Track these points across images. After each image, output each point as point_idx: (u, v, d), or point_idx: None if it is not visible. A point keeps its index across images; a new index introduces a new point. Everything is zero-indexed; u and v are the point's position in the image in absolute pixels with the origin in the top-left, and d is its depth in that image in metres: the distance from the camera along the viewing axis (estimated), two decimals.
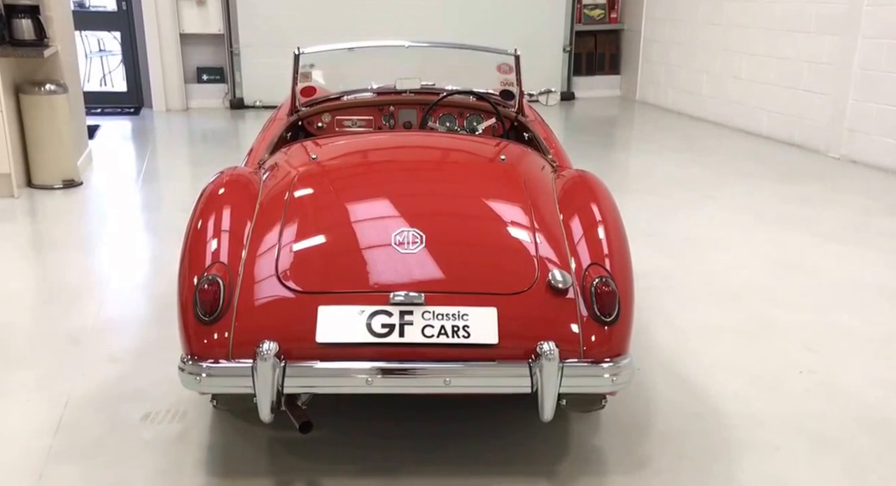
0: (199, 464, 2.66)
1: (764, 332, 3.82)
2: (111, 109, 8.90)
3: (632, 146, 8.39)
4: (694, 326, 3.86)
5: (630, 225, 5.22)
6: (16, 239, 4.90)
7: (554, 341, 2.43)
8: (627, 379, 2.51)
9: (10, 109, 5.54)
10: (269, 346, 2.31)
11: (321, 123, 4.14)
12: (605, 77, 10.67)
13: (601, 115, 9.73)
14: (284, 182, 2.97)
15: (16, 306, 3.90)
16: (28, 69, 5.83)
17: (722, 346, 3.67)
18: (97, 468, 2.63)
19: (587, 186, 3.08)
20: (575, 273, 2.62)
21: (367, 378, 2.37)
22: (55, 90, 5.74)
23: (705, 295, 4.22)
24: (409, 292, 2.47)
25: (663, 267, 4.60)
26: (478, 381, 2.42)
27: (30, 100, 5.70)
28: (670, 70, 9.71)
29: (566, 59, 10.21)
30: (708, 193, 6.17)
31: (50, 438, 2.79)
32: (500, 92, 4.33)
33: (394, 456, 2.74)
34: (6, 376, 3.23)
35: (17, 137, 5.70)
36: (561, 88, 10.28)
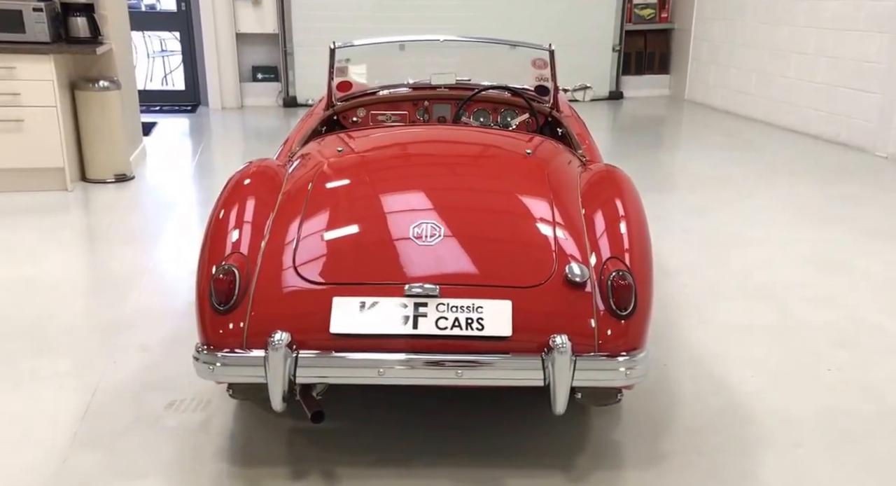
0: (219, 452, 2.65)
1: (795, 330, 3.67)
2: (169, 106, 9.03)
3: (677, 145, 8.21)
4: (724, 322, 3.73)
5: (667, 222, 5.20)
6: (66, 231, 4.98)
7: (569, 334, 2.37)
8: (643, 373, 2.43)
9: (64, 105, 5.64)
10: (281, 336, 2.28)
11: (356, 118, 4.11)
12: (654, 76, 10.46)
13: (649, 114, 9.54)
14: (308, 174, 2.95)
15: (59, 296, 3.95)
16: (83, 66, 5.93)
17: (750, 343, 3.54)
18: (119, 455, 2.63)
19: (612, 181, 3.00)
20: (593, 267, 2.54)
21: (380, 369, 2.33)
22: (108, 87, 5.82)
23: (737, 292, 4.08)
24: (425, 283, 2.42)
25: (697, 264, 4.47)
26: (490, 373, 2.36)
27: (84, 96, 5.79)
28: (720, 69, 9.48)
29: (615, 58, 10.03)
30: (749, 192, 5.99)
31: (77, 424, 2.81)
32: (535, 87, 4.25)
33: (409, 447, 2.70)
34: (42, 363, 3.26)
35: (71, 132, 5.81)
36: (609, 87, 10.11)
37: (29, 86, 5.46)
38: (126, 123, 6.12)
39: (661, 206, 5.64)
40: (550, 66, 4.06)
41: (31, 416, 2.88)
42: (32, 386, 3.08)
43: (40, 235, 4.84)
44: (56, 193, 5.68)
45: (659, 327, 3.65)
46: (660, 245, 4.75)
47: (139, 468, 2.56)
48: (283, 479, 2.51)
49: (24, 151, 5.57)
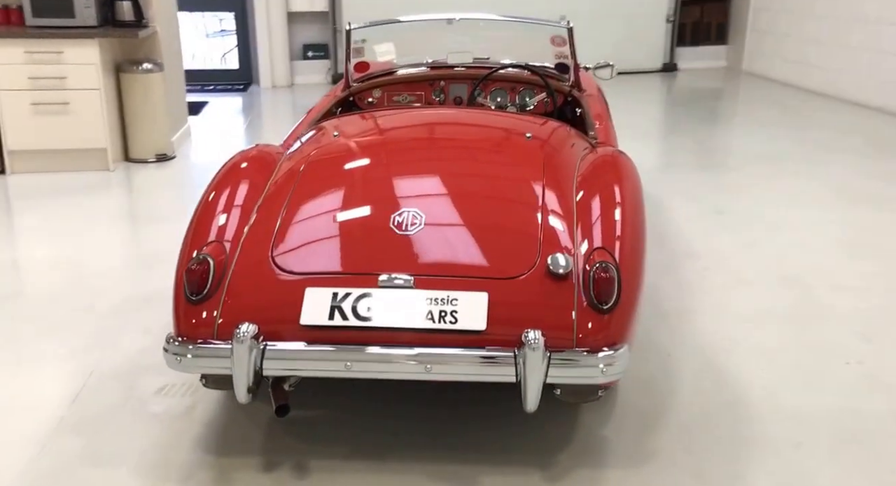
0: (196, 440, 2.59)
1: (817, 318, 3.42)
2: (223, 85, 9.07)
3: (729, 119, 7.82)
4: (741, 310, 3.50)
5: (701, 202, 4.93)
6: (101, 210, 5.01)
7: (547, 328, 2.23)
8: (621, 370, 2.27)
9: (108, 87, 5.67)
10: (247, 328, 2.20)
11: (372, 99, 3.99)
12: (710, 47, 10.00)
13: (704, 86, 9.13)
14: (299, 161, 2.86)
15: (79, 275, 3.97)
16: (129, 49, 5.96)
17: (767, 332, 3.30)
18: (99, 441, 2.60)
19: (613, 167, 2.81)
20: (578, 258, 2.37)
21: (347, 363, 2.23)
22: (152, 69, 5.84)
23: (761, 278, 3.82)
24: (399, 274, 2.30)
25: (723, 247, 4.22)
26: (460, 368, 2.23)
27: (128, 78, 5.82)
28: (779, 39, 8.98)
29: (669, 29, 9.62)
30: (794, 169, 5.64)
31: (66, 408, 2.79)
32: (556, 65, 4.05)
33: (385, 440, 2.59)
34: (48, 342, 3.27)
35: (115, 113, 5.85)
36: (663, 60, 9.71)
37: (75, 69, 5.50)
38: (169, 103, 6.13)
39: (699, 185, 5.37)
40: (569, 43, 3.85)
41: (24, 397, 2.88)
42: (33, 366, 3.09)
43: (77, 215, 4.89)
44: (98, 173, 5.74)
45: (669, 314, 3.46)
46: (688, 227, 4.51)
47: (115, 454, 2.52)
48: (253, 470, 2.44)
49: (69, 133, 5.63)
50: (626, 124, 7.06)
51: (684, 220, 4.64)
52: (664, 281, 3.78)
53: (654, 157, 6.03)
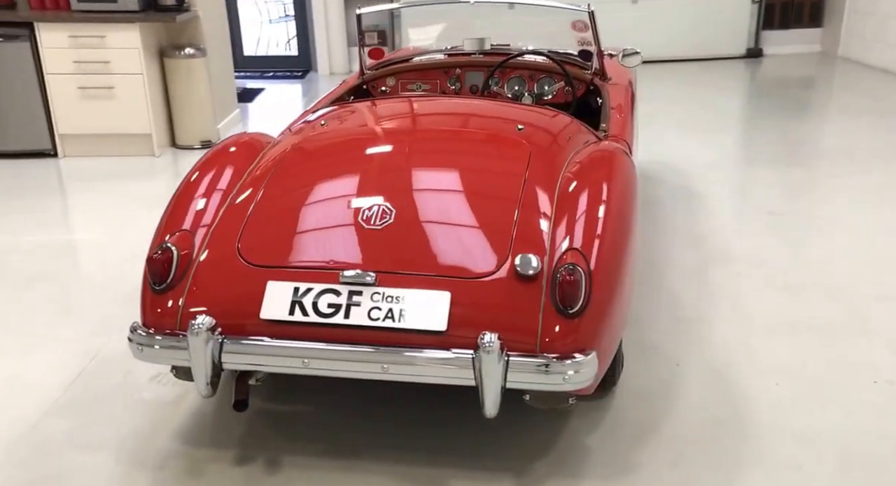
0: (177, 430, 2.75)
1: (850, 332, 3.34)
2: (282, 72, 9.31)
3: (814, 111, 7.57)
4: (768, 319, 3.45)
5: (753, 201, 4.85)
6: (144, 196, 5.27)
7: (511, 331, 2.28)
8: (586, 378, 2.29)
9: (151, 72, 5.95)
10: (203, 320, 2.31)
11: (385, 87, 4.08)
12: (802, 30, 9.68)
13: (791, 74, 8.85)
14: (279, 151, 2.96)
15: (110, 259, 4.21)
16: (173, 34, 6.22)
17: (791, 345, 3.25)
18: (86, 424, 2.79)
19: (604, 164, 2.81)
20: (549, 259, 2.41)
21: (304, 360, 2.33)
22: (194, 54, 6.08)
23: (799, 285, 3.75)
24: (361, 271, 2.38)
25: (766, 250, 4.14)
26: (417, 370, 2.30)
27: (171, 63, 6.09)
28: (880, 21, 8.62)
29: (755, 10, 9.36)
30: (867, 168, 5.45)
31: (62, 390, 3.00)
32: (579, 52, 4.05)
33: (361, 439, 2.69)
34: (60, 326, 3.50)
35: (160, 99, 6.12)
36: (747, 44, 9.46)
37: (117, 54, 5.80)
38: (214, 89, 6.37)
39: (757, 181, 5.27)
40: (592, 28, 3.84)
41: (27, 376, 3.10)
42: (43, 346, 3.32)
43: (120, 200, 5.18)
44: (144, 159, 6.03)
45: (687, 321, 3.44)
46: (732, 227, 4.45)
47: (98, 438, 2.71)
48: (226, 463, 2.58)
49: (114, 118, 5.94)
50: (698, 116, 6.98)
51: (730, 219, 4.58)
52: (689, 285, 3.76)
53: (717, 150, 5.92)
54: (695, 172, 5.39)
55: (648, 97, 7.77)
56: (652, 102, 7.59)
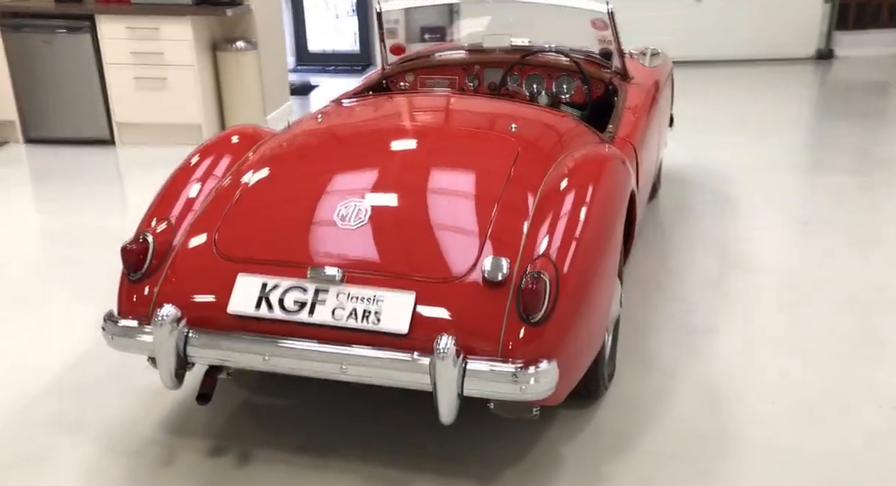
0: (160, 418, 2.79)
1: (865, 353, 3.17)
2: (343, 67, 9.36)
3: (881, 117, 7.19)
4: (779, 334, 3.30)
5: (788, 210, 4.66)
6: None
7: (473, 336, 2.23)
8: (546, 389, 2.23)
9: (203, 64, 6.06)
10: (168, 311, 2.33)
11: (404, 83, 4.05)
12: (880, 32, 9.21)
13: (865, 78, 8.42)
14: (271, 145, 2.96)
15: None
16: (226, 27, 6.32)
17: (798, 361, 3.11)
18: (76, 407, 2.86)
19: (594, 167, 2.72)
20: (519, 264, 2.34)
21: (264, 356, 2.32)
22: (245, 47, 6.17)
23: (820, 299, 3.57)
24: (329, 268, 2.36)
25: (792, 262, 3.97)
26: (374, 372, 2.28)
27: (223, 56, 6.19)
28: None
29: (827, 10, 8.96)
30: None
31: (62, 372, 3.07)
32: (600, 52, 3.95)
33: (335, 438, 2.68)
34: (80, 306, 3.58)
35: (211, 90, 6.24)
36: (817, 45, 9.07)
37: (171, 46, 5.93)
38: (266, 82, 6.45)
39: (798, 190, 5.05)
40: (612, 27, 3.73)
41: (34, 356, 3.19)
42: (57, 327, 3.42)
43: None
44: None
45: (692, 331, 3.32)
46: (761, 236, 4.27)
47: (83, 422, 2.77)
48: (199, 453, 2.60)
49: (166, 108, 6.08)
50: (754, 120, 6.72)
51: (762, 228, 4.39)
52: (704, 295, 3.62)
53: (765, 155, 5.69)
54: (736, 177, 5.20)
55: (704, 99, 7.55)
56: (707, 103, 7.37)
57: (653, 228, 4.38)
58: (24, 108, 6.24)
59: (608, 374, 2.87)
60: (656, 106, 3.88)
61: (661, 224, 4.48)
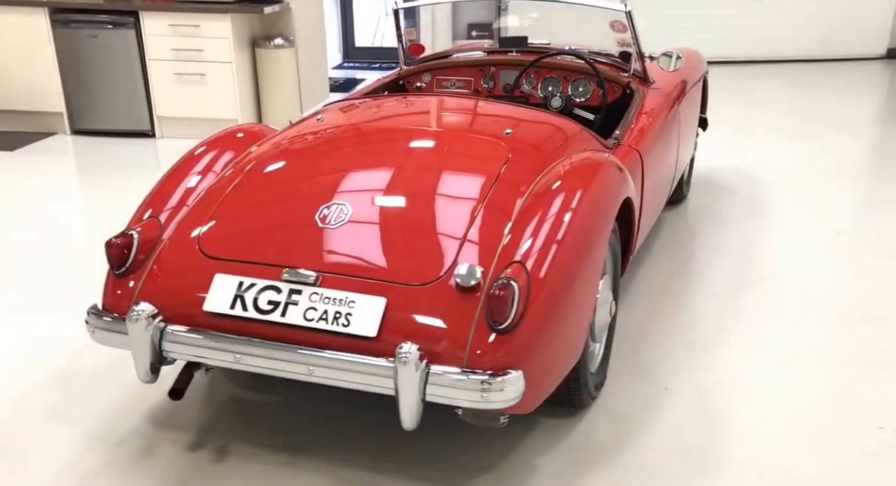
0: (149, 410, 2.83)
1: (873, 370, 3.05)
2: (390, 63, 9.41)
3: None
4: (787, 348, 3.21)
5: (825, 217, 4.51)
6: None
7: (440, 343, 2.23)
8: (510, 398, 2.20)
9: (241, 61, 6.17)
10: (143, 307, 2.38)
11: (420, 83, 4.05)
12: None
13: None
14: (267, 145, 2.98)
15: None
16: (266, 25, 6.42)
17: (802, 377, 3.01)
18: (68, 398, 2.92)
19: (580, 175, 2.66)
20: (494, 270, 2.32)
21: (236, 355, 2.35)
22: (282, 44, 6.26)
23: (838, 314, 3.45)
24: (303, 270, 2.37)
25: (814, 272, 3.84)
26: (340, 374, 2.28)
27: (261, 53, 6.29)
28: None
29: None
30: None
31: (62, 362, 3.15)
32: (620, 54, 3.88)
33: (310, 438, 2.69)
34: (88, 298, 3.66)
35: (249, 87, 6.34)
36: (889, 44, 8.71)
37: (210, 43, 6.06)
38: (304, 78, 6.54)
39: (836, 196, 4.88)
40: (630, 28, 3.66)
41: (40, 345, 3.27)
42: (66, 317, 3.48)
43: None
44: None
45: (695, 344, 3.24)
46: (788, 246, 4.14)
47: (74, 412, 2.83)
48: (178, 446, 2.65)
49: (204, 103, 6.21)
50: (805, 122, 6.52)
51: (789, 236, 4.27)
52: (714, 304, 3.54)
53: (808, 160, 5.52)
54: (772, 182, 5.06)
55: (759, 99, 7.39)
56: (761, 104, 7.21)
57: (676, 234, 4.30)
58: (71, 100, 6.45)
59: (595, 384, 2.82)
60: (676, 111, 3.79)
61: (687, 230, 4.39)
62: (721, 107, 7.01)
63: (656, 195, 3.54)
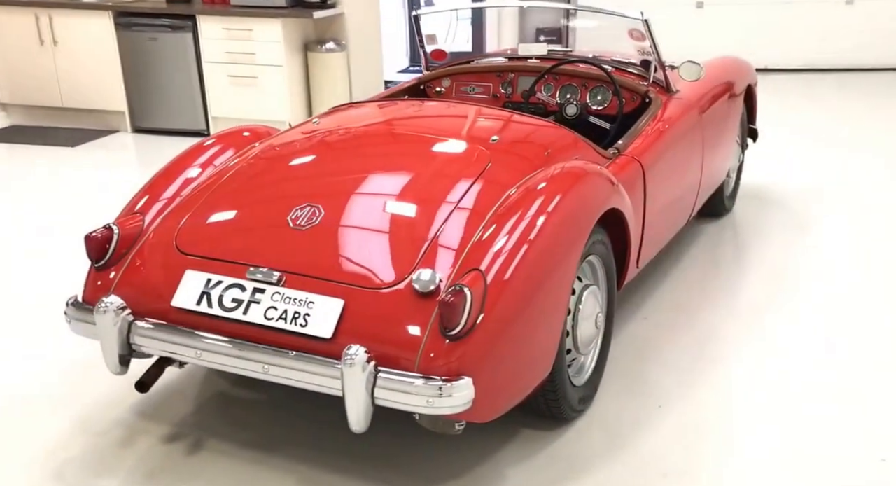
0: (136, 403, 2.88)
1: (886, 404, 2.87)
2: None
3: None
4: (800, 374, 3.06)
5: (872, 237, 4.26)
6: None
7: (393, 347, 2.22)
8: (457, 404, 2.16)
9: (292, 64, 6.28)
10: (112, 299, 2.43)
11: (440, 88, 4.04)
12: None
13: None
14: (260, 146, 3.02)
15: None
16: (320, 29, 6.52)
17: (808, 405, 2.87)
18: (62, 386, 3.02)
19: (560, 183, 2.59)
20: (453, 277, 2.30)
21: (197, 351, 2.38)
22: (333, 48, 6.34)
23: (862, 347, 3.25)
24: (267, 269, 2.39)
25: (848, 297, 3.64)
26: (294, 374, 2.29)
27: (313, 56, 6.39)
28: None
29: None
30: None
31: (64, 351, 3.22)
32: (641, 62, 3.79)
33: (283, 435, 2.71)
34: None
35: (300, 89, 6.45)
36: None
37: (262, 46, 6.19)
38: (356, 82, 6.60)
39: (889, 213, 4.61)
40: (648, 37, 3.57)
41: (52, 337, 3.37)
42: None
43: None
44: None
45: (706, 360, 3.13)
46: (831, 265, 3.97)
47: (64, 401, 2.91)
48: (155, 438, 2.69)
49: (256, 105, 6.33)
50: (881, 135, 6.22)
51: (828, 256, 4.08)
52: (730, 323, 3.42)
53: (869, 174, 5.26)
54: (829, 197, 4.86)
55: (831, 109, 7.12)
56: (833, 115, 6.93)
57: (710, 248, 4.17)
58: (133, 99, 6.69)
59: (581, 397, 2.75)
60: (700, 121, 3.67)
61: (722, 244, 4.25)
62: (792, 115, 6.80)
63: (668, 208, 3.43)
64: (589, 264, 2.80)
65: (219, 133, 3.22)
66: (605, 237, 2.81)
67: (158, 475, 2.53)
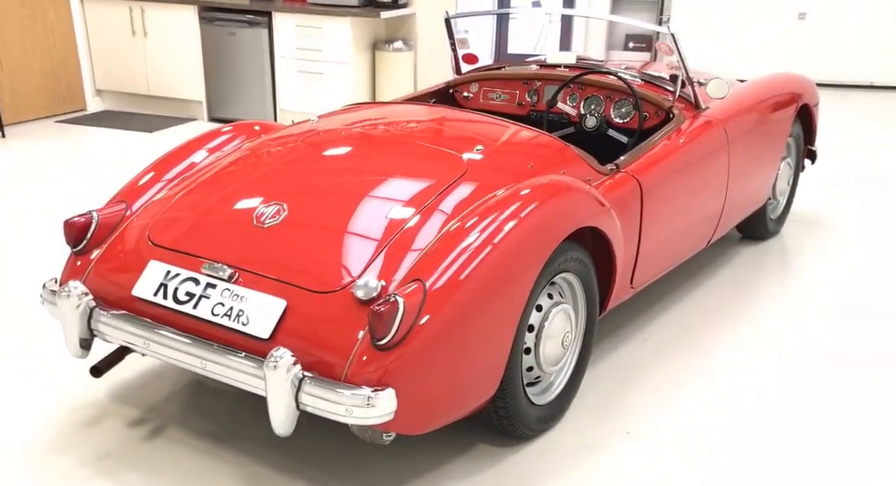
0: (119, 386, 2.97)
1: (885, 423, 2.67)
2: None
3: None
4: (792, 412, 2.87)
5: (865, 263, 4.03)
6: None
7: (326, 352, 2.22)
8: (378, 415, 2.13)
9: (358, 62, 6.37)
10: (74, 285, 2.51)
11: (468, 93, 4.00)
12: None
13: None
14: (254, 142, 3.06)
15: None
16: (391, 29, 6.58)
17: (786, 447, 2.69)
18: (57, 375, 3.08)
19: (528, 197, 2.50)
20: (395, 286, 2.27)
21: (144, 341, 2.43)
22: (400, 48, 6.39)
23: (865, 379, 3.04)
24: (222, 265, 2.43)
25: (881, 335, 3.40)
26: (227, 372, 2.30)
27: (380, 55, 6.45)
28: None
29: None
30: None
31: None
32: (671, 76, 3.64)
33: (247, 428, 2.73)
34: None
35: (365, 87, 6.52)
36: None
37: (329, 44, 6.31)
38: (424, 82, 6.62)
39: None
40: (676, 51, 3.42)
41: None
42: None
43: None
44: None
45: (691, 394, 2.98)
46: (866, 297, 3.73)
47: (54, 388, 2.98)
48: (121, 421, 2.76)
49: (321, 99, 6.44)
50: None
51: (868, 286, 3.81)
52: (730, 351, 3.25)
53: None
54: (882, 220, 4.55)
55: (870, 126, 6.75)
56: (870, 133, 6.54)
57: (738, 273, 3.98)
58: (210, 90, 6.93)
59: (541, 416, 2.66)
60: (723, 141, 3.49)
61: (752, 269, 4.04)
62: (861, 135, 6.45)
63: (675, 230, 3.28)
64: (565, 281, 2.71)
65: (227, 126, 3.27)
66: (586, 256, 2.72)
67: (110, 458, 2.59)
